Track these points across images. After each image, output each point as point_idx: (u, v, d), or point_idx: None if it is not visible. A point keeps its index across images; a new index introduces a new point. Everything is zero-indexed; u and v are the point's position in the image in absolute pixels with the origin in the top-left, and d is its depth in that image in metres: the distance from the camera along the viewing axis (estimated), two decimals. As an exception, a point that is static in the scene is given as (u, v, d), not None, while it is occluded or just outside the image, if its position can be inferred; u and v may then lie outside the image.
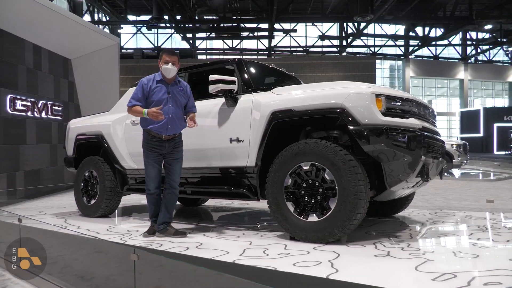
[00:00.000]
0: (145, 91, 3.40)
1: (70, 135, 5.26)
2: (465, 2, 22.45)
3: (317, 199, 2.95)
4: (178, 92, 3.45)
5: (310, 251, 2.66)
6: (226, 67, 3.94)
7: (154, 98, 3.37)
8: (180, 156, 3.50)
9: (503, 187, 8.70)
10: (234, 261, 2.43)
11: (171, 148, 3.44)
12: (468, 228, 3.47)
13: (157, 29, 25.98)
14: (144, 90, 3.41)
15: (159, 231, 3.37)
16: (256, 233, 3.42)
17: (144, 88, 3.41)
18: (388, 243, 2.85)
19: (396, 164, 2.84)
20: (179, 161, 3.49)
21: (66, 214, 5.08)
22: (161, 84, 3.42)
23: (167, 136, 3.38)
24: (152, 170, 3.46)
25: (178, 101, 3.43)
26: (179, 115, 3.45)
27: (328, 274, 2.07)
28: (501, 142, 22.40)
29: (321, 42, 27.39)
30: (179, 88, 3.49)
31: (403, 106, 2.98)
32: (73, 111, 9.96)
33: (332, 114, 2.93)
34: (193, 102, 3.57)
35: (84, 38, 9.36)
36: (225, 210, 5.33)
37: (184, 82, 3.61)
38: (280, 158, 3.12)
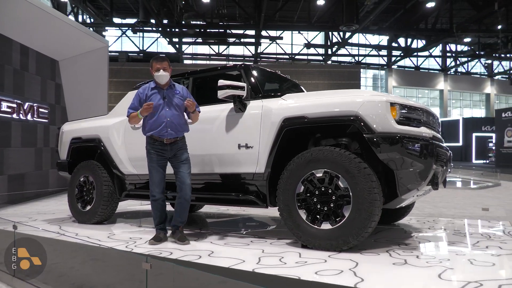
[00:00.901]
0: (142, 99, 3.49)
1: (64, 138, 5.10)
2: (446, 16, 23.19)
3: (330, 207, 2.94)
4: (174, 96, 3.49)
5: (327, 259, 2.64)
6: (232, 72, 3.91)
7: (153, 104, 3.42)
8: (186, 158, 3.48)
9: (487, 195, 8.95)
10: (254, 270, 2.39)
11: (174, 152, 3.45)
12: (471, 236, 3.53)
13: (142, 32, 25.68)
14: (140, 99, 3.49)
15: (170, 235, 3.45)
16: (265, 241, 3.37)
17: (140, 97, 3.50)
18: (401, 251, 2.87)
19: (409, 172, 2.87)
20: (186, 162, 3.47)
21: (59, 221, 4.90)
22: (156, 90, 3.49)
23: (168, 140, 3.41)
24: (156, 174, 3.45)
25: (175, 104, 3.46)
26: (178, 118, 3.45)
27: (355, 283, 2.05)
28: (479, 151, 23.11)
29: (307, 50, 27.70)
30: (175, 91, 3.52)
31: (415, 115, 3.02)
32: (60, 114, 9.69)
33: (347, 122, 2.94)
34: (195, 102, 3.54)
35: (72, 39, 9.15)
36: (222, 216, 5.26)
37: (179, 85, 3.62)
38: (292, 165, 3.10)
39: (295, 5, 22.79)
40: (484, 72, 30.82)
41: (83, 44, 9.59)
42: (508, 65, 30.14)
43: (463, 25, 22.19)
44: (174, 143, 3.43)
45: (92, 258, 2.84)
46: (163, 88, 3.49)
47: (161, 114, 3.38)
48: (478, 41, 25.90)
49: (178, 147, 3.46)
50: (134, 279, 2.58)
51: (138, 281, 2.52)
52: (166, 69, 3.44)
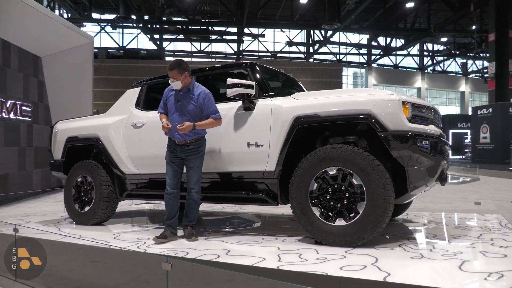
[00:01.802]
0: (164, 99, 3.64)
1: (59, 137, 4.95)
2: (424, 16, 23.86)
3: (344, 204, 2.99)
4: (187, 100, 3.50)
5: (345, 255, 2.69)
6: (238, 71, 3.91)
7: (168, 106, 3.60)
8: (194, 165, 3.49)
9: (469, 190, 9.28)
10: (278, 267, 2.41)
11: (184, 154, 3.49)
12: (472, 229, 3.67)
13: (122, 28, 25.16)
14: (164, 98, 3.65)
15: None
16: (276, 238, 3.39)
17: (164, 97, 3.66)
18: (413, 245, 2.95)
19: (419, 169, 2.95)
20: (194, 170, 3.49)
21: (54, 222, 4.76)
22: (174, 92, 3.59)
23: (179, 142, 3.48)
24: (169, 169, 3.54)
25: (185, 109, 3.49)
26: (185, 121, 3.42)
27: (384, 277, 2.10)
28: (456, 147, 23.89)
29: (289, 48, 27.87)
30: (190, 95, 3.51)
31: (424, 113, 3.12)
32: (43, 112, 9.39)
33: (360, 120, 2.99)
34: (210, 109, 3.48)
35: (56, 35, 8.86)
36: (219, 214, 5.25)
37: (200, 90, 3.54)
38: (305, 163, 3.13)
39: (277, 3, 22.87)
40: (459, 71, 31.89)
41: (66, 40, 9.31)
42: (481, 64, 31.30)
43: (440, 25, 22.90)
44: (184, 145, 3.47)
45: (109, 261, 2.78)
46: (180, 91, 3.53)
47: (172, 117, 3.50)
48: (453, 41, 26.78)
49: (189, 149, 3.46)
50: (154, 280, 2.55)
51: (158, 281, 2.49)
52: (175, 77, 3.43)
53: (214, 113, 3.48)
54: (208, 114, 3.47)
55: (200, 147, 3.52)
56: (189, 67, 3.53)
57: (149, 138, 4.11)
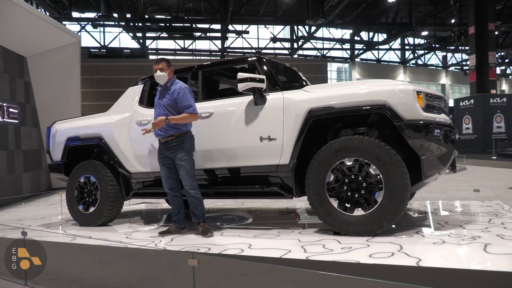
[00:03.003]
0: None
1: (58, 138, 4.82)
2: (405, 10, 24.26)
3: (361, 194, 3.03)
4: (165, 96, 3.59)
5: (368, 244, 2.73)
6: (244, 65, 3.89)
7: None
8: (180, 162, 3.51)
9: (459, 179, 9.52)
10: (308, 258, 2.42)
11: (168, 151, 3.56)
12: (479, 215, 3.77)
13: (103, 27, 24.64)
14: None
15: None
16: (292, 231, 3.41)
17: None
18: (429, 232, 3.02)
19: (434, 157, 3.02)
20: (182, 166, 3.51)
21: (56, 225, 4.66)
22: (160, 88, 3.70)
23: (162, 139, 3.57)
24: (162, 171, 3.65)
25: (164, 105, 3.57)
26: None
27: (416, 262, 2.15)
28: (439, 138, 24.50)
29: (273, 44, 27.90)
30: (167, 92, 3.60)
31: (436, 103, 3.18)
32: (30, 114, 9.13)
33: (375, 111, 3.03)
34: (185, 103, 3.49)
35: (41, 33, 8.58)
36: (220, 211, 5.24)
37: (177, 85, 3.58)
38: (321, 155, 3.15)
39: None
40: (440, 64, 32.61)
41: (52, 39, 9.05)
42: (460, 57, 32.11)
43: (421, 19, 23.35)
44: (166, 143, 3.54)
45: (130, 260, 2.73)
46: (162, 87, 3.65)
47: (155, 114, 3.59)
48: (434, 35, 27.35)
49: (172, 146, 3.52)
50: (180, 276, 2.53)
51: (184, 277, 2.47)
52: (162, 69, 3.56)
53: (189, 107, 3.49)
54: (182, 109, 3.49)
55: (183, 143, 3.53)
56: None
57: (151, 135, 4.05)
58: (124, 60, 21.67)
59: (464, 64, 32.21)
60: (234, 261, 2.38)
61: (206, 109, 3.79)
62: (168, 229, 3.63)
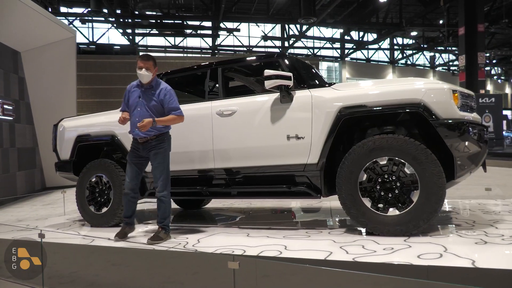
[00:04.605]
0: (126, 96, 3.60)
1: (67, 136, 4.65)
2: (395, 10, 24.50)
3: (395, 193, 2.99)
4: (149, 96, 3.51)
5: (409, 244, 2.69)
6: (267, 62, 3.81)
7: (130, 102, 3.57)
8: (159, 162, 3.46)
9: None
10: (354, 259, 2.37)
11: (146, 152, 3.48)
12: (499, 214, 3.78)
13: (92, 23, 24.10)
14: (125, 95, 3.61)
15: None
16: (320, 231, 3.36)
17: (125, 94, 3.61)
18: (464, 232, 3.00)
19: (467, 156, 3.00)
20: (159, 167, 3.48)
21: (65, 226, 4.49)
22: (136, 88, 3.59)
23: (141, 139, 3.47)
24: (130, 169, 3.56)
25: (147, 105, 3.49)
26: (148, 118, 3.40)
27: (471, 263, 2.11)
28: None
29: (264, 43, 27.81)
30: (151, 92, 3.53)
31: (470, 102, 3.17)
32: (24, 110, 8.84)
33: (410, 109, 2.99)
34: (172, 105, 3.49)
35: (36, 27, 8.30)
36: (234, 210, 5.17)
37: (163, 86, 3.54)
38: (353, 155, 3.10)
39: (253, -3, 22.73)
40: (427, 64, 33.10)
41: (48, 33, 8.77)
42: (448, 58, 32.67)
43: (411, 19, 23.62)
44: (146, 143, 3.48)
45: (164, 263, 2.63)
46: (143, 87, 3.53)
47: (134, 113, 3.49)
48: (422, 35, 27.73)
49: (151, 146, 3.48)
50: (219, 279, 2.45)
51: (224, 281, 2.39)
52: (149, 69, 3.46)
53: (176, 109, 3.49)
54: (169, 111, 3.48)
55: (163, 143, 3.49)
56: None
57: (173, 133, 3.94)
58: (114, 56, 21.25)
59: (451, 64, 32.78)
60: (279, 264, 2.31)
61: (228, 106, 3.70)
62: (123, 232, 3.51)
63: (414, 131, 3.33)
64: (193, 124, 3.86)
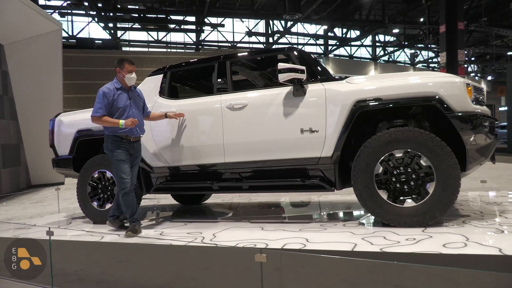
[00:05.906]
0: (109, 100, 3.63)
1: (66, 131, 4.51)
2: (378, 7, 24.86)
3: (411, 185, 3.04)
4: (135, 97, 3.76)
5: (429, 234, 2.73)
6: (277, 56, 3.80)
7: (119, 105, 3.62)
8: (139, 161, 3.83)
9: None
10: (382, 250, 2.39)
11: (136, 150, 3.73)
12: (502, 205, 3.91)
13: (71, 16, 23.39)
14: (108, 99, 3.62)
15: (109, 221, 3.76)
16: (335, 224, 3.38)
17: (107, 97, 3.62)
18: (476, 222, 3.08)
19: (478, 148, 3.08)
20: (137, 166, 3.82)
21: (65, 223, 4.36)
22: (121, 91, 3.68)
23: (135, 138, 3.68)
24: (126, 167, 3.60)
25: (138, 105, 3.76)
26: (141, 118, 3.76)
27: (499, 251, 2.17)
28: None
29: (248, 38, 27.70)
30: (135, 93, 3.78)
31: (480, 95, 3.25)
32: (8, 106, 8.52)
33: (426, 103, 3.04)
34: (146, 104, 3.91)
35: (20, 19, 7.96)
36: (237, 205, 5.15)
37: (137, 88, 3.91)
38: (369, 147, 3.13)
39: (238, -8, 22.57)
40: (408, 60, 33.76)
41: (32, 25, 8.44)
42: (427, 55, 33.42)
43: (393, 17, 24.03)
44: (137, 141, 3.73)
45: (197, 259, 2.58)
46: (128, 89, 3.70)
47: (130, 115, 3.62)
48: (403, 32, 28.25)
49: (138, 145, 3.77)
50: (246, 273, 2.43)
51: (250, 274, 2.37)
52: (135, 71, 3.70)
53: (147, 108, 3.92)
54: (146, 109, 3.86)
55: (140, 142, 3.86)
56: None
57: (181, 128, 3.88)
58: (95, 51, 20.72)
59: (430, 61, 33.56)
60: (308, 256, 2.31)
61: (239, 100, 3.66)
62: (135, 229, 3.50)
63: (424, 124, 3.39)
64: (202, 118, 3.81)
